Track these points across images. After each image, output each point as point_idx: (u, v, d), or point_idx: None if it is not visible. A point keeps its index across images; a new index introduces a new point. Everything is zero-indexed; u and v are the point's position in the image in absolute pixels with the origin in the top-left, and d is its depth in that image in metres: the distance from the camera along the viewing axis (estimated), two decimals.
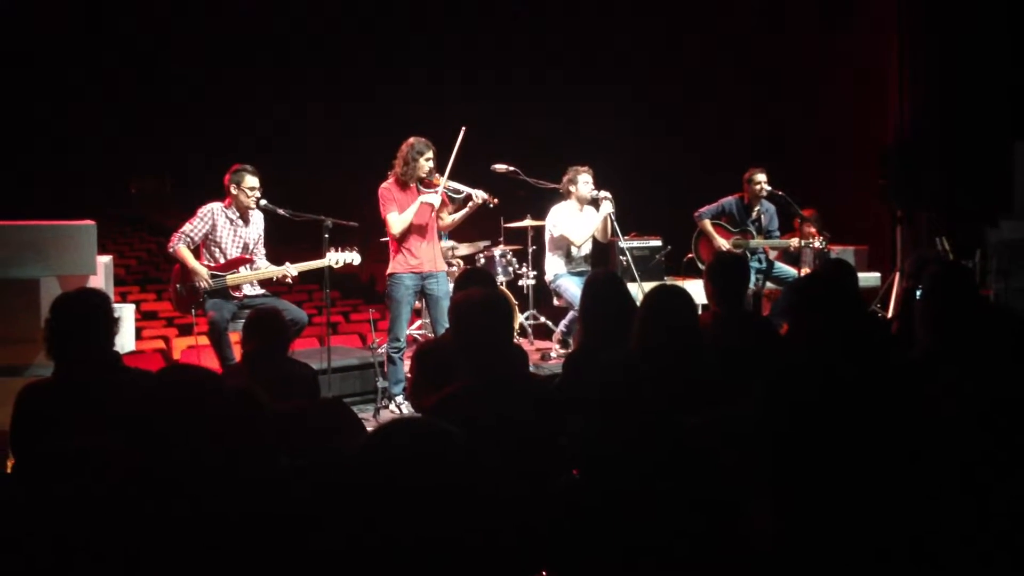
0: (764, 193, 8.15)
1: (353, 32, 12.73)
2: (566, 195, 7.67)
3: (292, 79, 13.19)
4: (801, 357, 2.60)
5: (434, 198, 6.47)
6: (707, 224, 8.35)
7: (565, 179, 7.69)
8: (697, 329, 3.72)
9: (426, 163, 6.46)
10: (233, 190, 6.36)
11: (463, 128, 6.67)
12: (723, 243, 8.23)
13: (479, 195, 6.55)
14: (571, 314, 7.42)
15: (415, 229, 6.51)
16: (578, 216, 7.63)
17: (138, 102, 14.07)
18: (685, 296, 3.74)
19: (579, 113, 11.20)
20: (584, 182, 7.59)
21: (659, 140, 10.75)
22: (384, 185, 6.53)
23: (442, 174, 6.57)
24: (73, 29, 13.46)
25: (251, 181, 6.36)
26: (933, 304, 3.56)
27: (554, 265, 7.70)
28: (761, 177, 8.14)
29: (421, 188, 6.51)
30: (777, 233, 8.34)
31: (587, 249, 7.76)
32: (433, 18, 11.99)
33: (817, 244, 8.06)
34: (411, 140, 6.52)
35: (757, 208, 8.26)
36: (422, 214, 6.51)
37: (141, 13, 13.58)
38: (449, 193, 6.60)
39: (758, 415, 2.35)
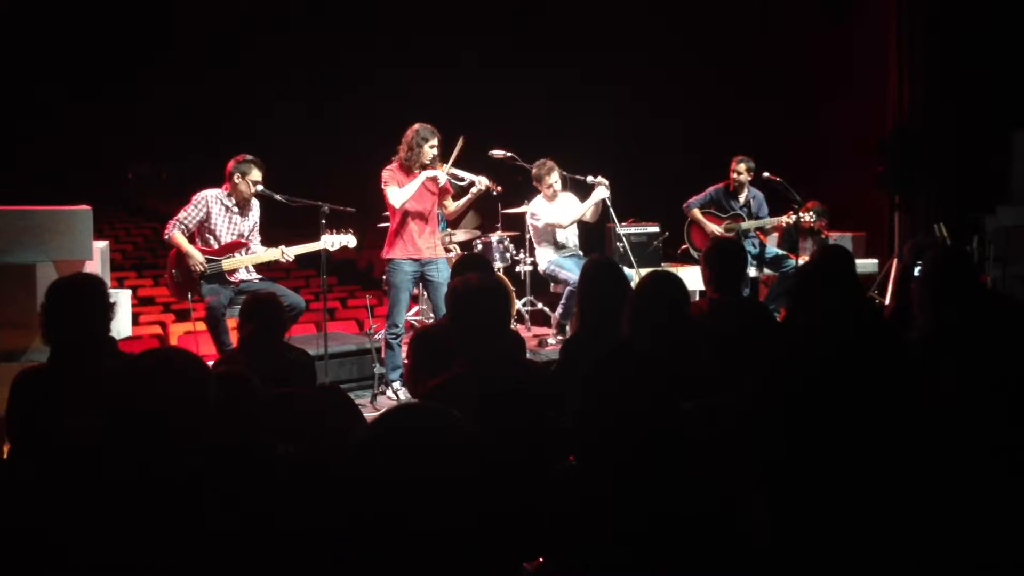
0: (747, 180, 8.19)
1: (350, 20, 12.68)
2: (537, 188, 7.72)
3: (293, 69, 13.16)
4: (800, 343, 2.59)
5: (439, 174, 6.45)
6: (696, 213, 8.37)
7: (534, 171, 7.68)
8: (688, 316, 3.70)
9: (430, 150, 6.44)
10: (236, 179, 6.33)
11: (461, 137, 6.67)
12: (715, 228, 8.25)
13: (482, 182, 6.55)
14: (567, 290, 7.41)
15: (416, 215, 6.48)
16: (554, 205, 7.66)
17: (137, 88, 14.01)
18: (678, 283, 3.72)
19: (579, 104, 11.18)
20: (551, 183, 7.63)
21: (660, 132, 10.73)
22: (387, 167, 6.52)
23: (444, 163, 6.56)
24: (74, 19, 13.39)
25: (256, 175, 6.33)
26: (932, 287, 3.55)
27: (545, 254, 7.72)
28: (742, 167, 8.15)
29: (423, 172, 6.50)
30: (769, 220, 8.33)
31: (574, 236, 7.78)
32: (435, 12, 11.94)
33: (807, 218, 8.04)
34: (416, 126, 6.49)
35: (744, 194, 8.27)
36: (424, 198, 6.49)
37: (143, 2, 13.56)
38: (452, 180, 6.60)
39: (757, 401, 2.34)
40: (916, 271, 5.99)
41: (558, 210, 7.62)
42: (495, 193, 6.75)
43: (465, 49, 11.75)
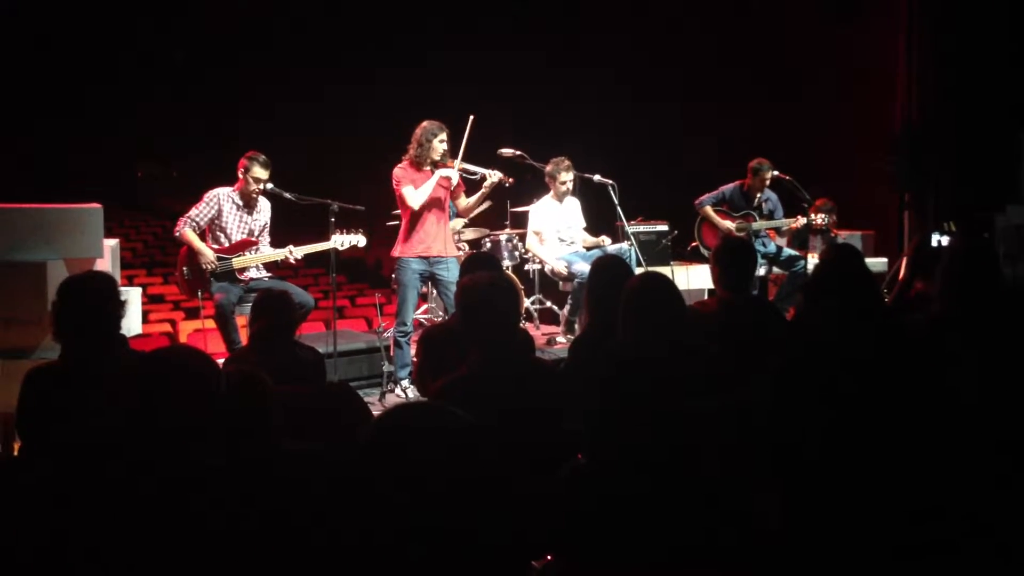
0: (768, 183, 8.16)
1: (356, 19, 12.69)
2: (548, 185, 7.72)
3: (297, 65, 13.16)
4: (812, 342, 2.59)
5: (452, 172, 6.46)
6: (709, 210, 8.33)
7: (549, 167, 7.69)
8: (681, 318, 3.60)
9: (440, 145, 6.45)
10: (241, 174, 6.36)
11: (471, 116, 6.66)
12: (728, 225, 8.22)
13: (494, 175, 6.54)
14: (575, 284, 7.41)
15: (428, 212, 6.48)
16: (557, 212, 7.67)
17: (145, 85, 14.04)
18: (667, 286, 3.57)
19: (585, 105, 11.17)
20: (564, 180, 7.61)
21: (668, 129, 10.71)
22: (399, 166, 6.52)
23: (455, 157, 6.57)
24: (81, 17, 13.43)
25: (259, 172, 6.33)
26: (955, 277, 3.50)
27: (552, 253, 7.71)
28: (767, 174, 8.11)
29: (435, 171, 6.50)
30: (782, 222, 8.31)
31: (578, 239, 7.78)
32: (439, 6, 11.93)
33: (819, 221, 8.02)
34: (424, 123, 6.50)
35: (759, 196, 8.24)
36: (436, 195, 6.49)
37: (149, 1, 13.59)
38: (464, 175, 6.60)
39: (772, 399, 2.34)
40: (934, 240, 6.01)
41: (551, 221, 7.67)
42: (507, 185, 6.74)
43: (469, 49, 11.74)
